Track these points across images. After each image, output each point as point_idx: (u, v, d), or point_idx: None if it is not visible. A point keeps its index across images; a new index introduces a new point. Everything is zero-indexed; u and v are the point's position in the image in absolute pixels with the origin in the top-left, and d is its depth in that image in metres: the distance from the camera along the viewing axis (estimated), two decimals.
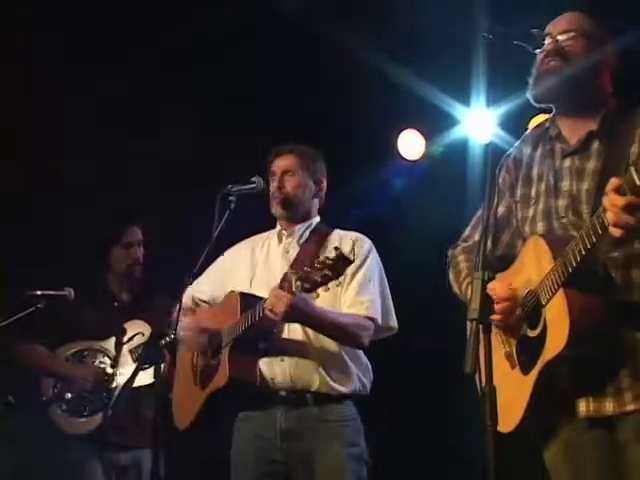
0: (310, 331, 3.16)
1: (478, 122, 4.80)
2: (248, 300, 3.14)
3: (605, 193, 2.07)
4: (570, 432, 2.42)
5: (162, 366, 3.52)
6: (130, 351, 4.00)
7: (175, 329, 3.47)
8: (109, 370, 4.01)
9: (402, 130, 5.26)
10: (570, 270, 2.22)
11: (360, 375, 3.24)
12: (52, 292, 3.85)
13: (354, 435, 3.17)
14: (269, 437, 3.14)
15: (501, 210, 2.66)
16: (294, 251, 3.29)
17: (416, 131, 5.25)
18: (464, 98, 4.75)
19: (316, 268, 2.81)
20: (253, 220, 3.35)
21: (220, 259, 3.47)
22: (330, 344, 3.17)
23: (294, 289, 2.89)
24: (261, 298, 3.08)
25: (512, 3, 3.97)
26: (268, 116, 4.90)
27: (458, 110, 4.87)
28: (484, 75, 2.27)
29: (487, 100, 2.51)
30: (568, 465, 2.44)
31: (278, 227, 3.39)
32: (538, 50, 2.45)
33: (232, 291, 3.26)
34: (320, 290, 2.89)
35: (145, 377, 3.59)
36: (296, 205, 3.32)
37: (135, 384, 3.52)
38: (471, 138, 4.95)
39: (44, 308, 3.80)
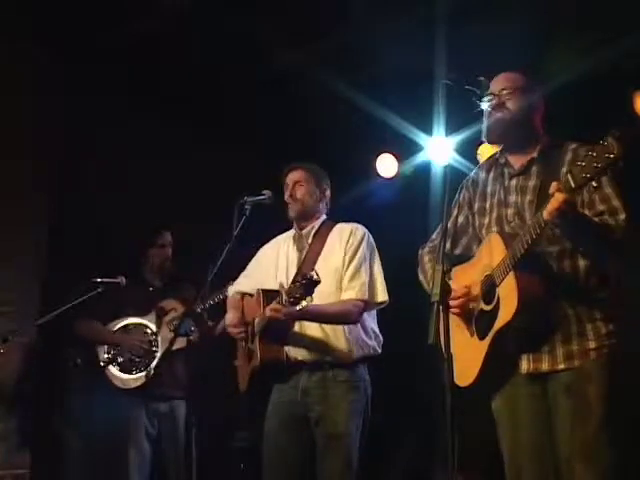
0: None
1: (439, 148, 5.21)
2: (269, 296, 3.43)
3: (550, 194, 2.35)
4: (512, 386, 2.69)
5: (192, 336, 4.11)
6: (166, 323, 4.47)
7: (204, 307, 4.19)
8: (151, 338, 4.46)
9: (380, 154, 5.80)
10: (519, 257, 2.50)
11: (367, 341, 3.52)
12: (109, 279, 4.32)
13: (359, 393, 3.45)
14: (294, 395, 3.46)
15: (461, 220, 2.97)
16: (305, 249, 3.63)
17: (391, 154, 5.78)
18: (428, 129, 5.26)
19: (296, 286, 3.17)
20: (263, 224, 3.62)
21: (255, 257, 3.80)
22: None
23: (284, 302, 3.23)
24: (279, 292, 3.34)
25: (463, 52, 4.45)
26: (275, 146, 5.47)
27: (423, 138, 5.38)
28: (443, 111, 2.54)
29: (446, 130, 2.74)
30: (508, 413, 2.72)
31: (293, 228, 3.72)
32: (486, 98, 2.75)
33: (258, 289, 3.54)
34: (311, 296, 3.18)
35: (179, 343, 3.99)
36: (305, 208, 3.65)
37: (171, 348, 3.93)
38: (433, 161, 5.41)
39: (102, 292, 4.30)
